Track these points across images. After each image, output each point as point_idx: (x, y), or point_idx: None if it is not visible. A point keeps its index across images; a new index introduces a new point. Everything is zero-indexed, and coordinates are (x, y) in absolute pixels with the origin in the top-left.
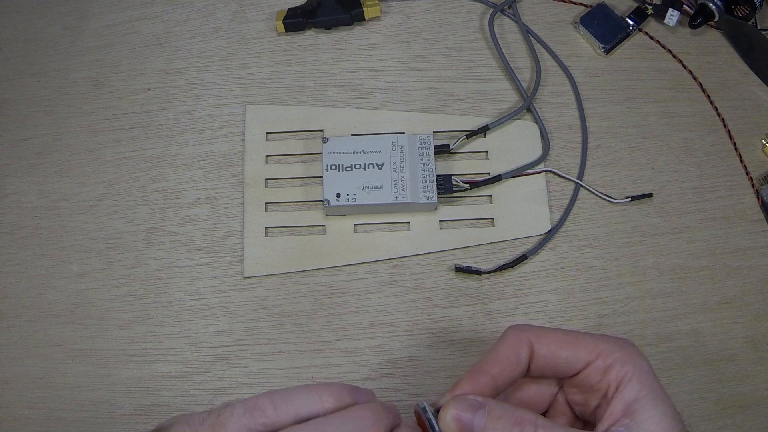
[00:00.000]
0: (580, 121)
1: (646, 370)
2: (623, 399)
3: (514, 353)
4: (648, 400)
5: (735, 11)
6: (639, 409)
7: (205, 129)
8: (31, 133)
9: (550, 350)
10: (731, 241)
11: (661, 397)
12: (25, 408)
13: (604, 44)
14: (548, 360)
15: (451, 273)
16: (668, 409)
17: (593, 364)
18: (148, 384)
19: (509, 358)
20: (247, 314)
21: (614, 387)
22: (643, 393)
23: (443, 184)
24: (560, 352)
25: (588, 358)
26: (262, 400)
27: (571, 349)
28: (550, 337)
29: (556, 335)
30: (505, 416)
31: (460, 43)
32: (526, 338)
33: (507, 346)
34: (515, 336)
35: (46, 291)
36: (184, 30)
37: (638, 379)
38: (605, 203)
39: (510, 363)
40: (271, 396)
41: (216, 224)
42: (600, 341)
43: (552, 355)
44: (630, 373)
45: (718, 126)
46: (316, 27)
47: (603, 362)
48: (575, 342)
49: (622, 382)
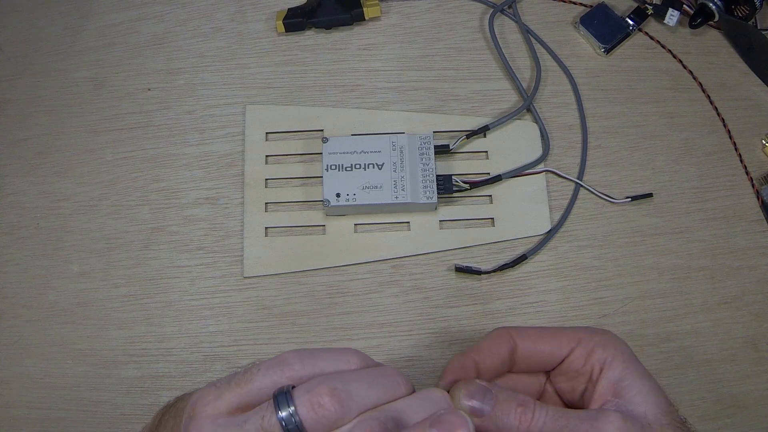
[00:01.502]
0: (580, 121)
1: (626, 351)
2: (609, 379)
3: (496, 345)
4: (634, 378)
5: (735, 11)
6: (626, 387)
7: (205, 129)
8: (31, 133)
9: (532, 342)
10: (731, 241)
11: (644, 374)
12: (25, 408)
13: (604, 44)
14: (531, 352)
15: (451, 273)
16: (653, 385)
17: (575, 351)
18: (148, 384)
19: (492, 349)
20: (247, 314)
21: (598, 369)
22: (628, 372)
23: (443, 184)
24: (542, 344)
25: (569, 345)
26: (290, 355)
27: (552, 340)
28: (531, 332)
29: (537, 330)
30: (509, 399)
31: (460, 43)
32: (507, 333)
33: (490, 340)
34: (497, 332)
35: (46, 291)
36: (184, 30)
37: (620, 359)
38: (605, 203)
39: (492, 354)
40: (299, 352)
41: (216, 224)
42: (579, 330)
43: (534, 347)
44: (611, 354)
45: (718, 126)
46: (316, 27)
47: (584, 348)
48: (555, 334)
49: (605, 364)
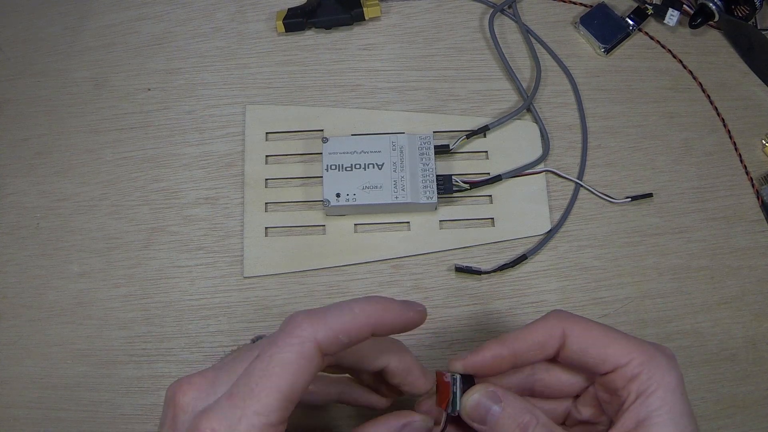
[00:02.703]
0: (580, 121)
1: (671, 387)
2: (637, 413)
3: (544, 339)
4: (663, 421)
5: (735, 11)
6: (651, 426)
7: (205, 129)
8: (31, 133)
9: (581, 347)
10: (731, 241)
11: (679, 419)
12: (24, 408)
13: (604, 44)
14: (578, 355)
15: (451, 273)
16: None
17: (620, 370)
18: (148, 384)
19: (537, 341)
20: (247, 314)
21: (633, 398)
22: (661, 411)
23: (443, 184)
24: (591, 350)
25: (617, 362)
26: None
27: (603, 350)
28: (586, 333)
29: (592, 333)
30: (515, 412)
31: (460, 43)
32: (561, 328)
33: (540, 331)
34: (552, 322)
35: (46, 291)
36: (184, 30)
37: (659, 396)
38: (605, 203)
39: (536, 347)
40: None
41: (216, 224)
42: (635, 347)
43: (582, 351)
44: (652, 387)
45: (718, 126)
46: (316, 27)
47: (630, 370)
48: (609, 343)
49: (641, 395)
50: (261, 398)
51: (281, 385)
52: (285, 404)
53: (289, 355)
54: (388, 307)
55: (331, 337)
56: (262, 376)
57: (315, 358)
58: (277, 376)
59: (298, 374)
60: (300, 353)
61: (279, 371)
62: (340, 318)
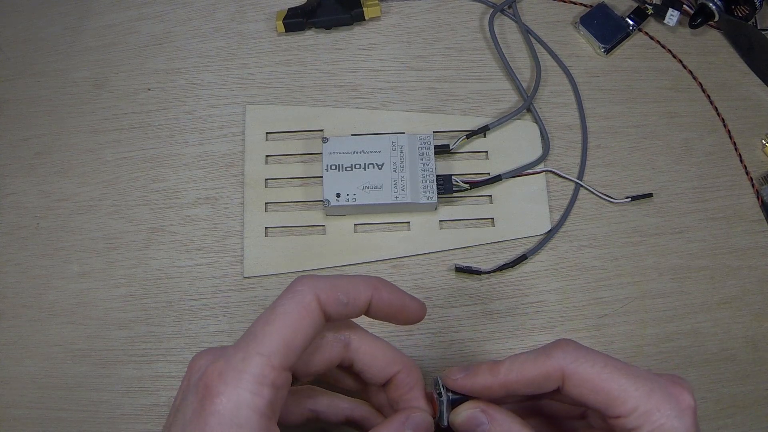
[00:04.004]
0: (580, 121)
1: None
2: None
3: (539, 380)
4: None
5: (735, 11)
6: None
7: (205, 129)
8: (31, 133)
9: (580, 392)
10: (731, 241)
11: None
12: (25, 408)
13: (604, 44)
14: (577, 398)
15: (451, 273)
16: None
17: (622, 420)
18: (148, 384)
19: (532, 380)
20: (247, 314)
21: None
22: None
23: (443, 184)
24: (590, 396)
25: (619, 412)
26: None
27: (604, 397)
28: (586, 377)
29: (593, 378)
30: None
31: (460, 43)
32: (560, 370)
33: (536, 371)
34: (551, 363)
35: (46, 291)
36: (184, 30)
37: None
38: (605, 203)
39: (531, 385)
40: None
41: (216, 224)
42: (642, 396)
43: (581, 396)
44: None
45: (718, 126)
46: (316, 27)
47: (633, 422)
48: (611, 390)
49: None
50: (264, 342)
51: (283, 331)
52: (287, 351)
53: (291, 305)
54: (387, 283)
55: (329, 292)
56: (266, 324)
57: (315, 310)
58: (280, 323)
59: (299, 322)
60: (300, 302)
61: (281, 319)
62: (340, 279)
